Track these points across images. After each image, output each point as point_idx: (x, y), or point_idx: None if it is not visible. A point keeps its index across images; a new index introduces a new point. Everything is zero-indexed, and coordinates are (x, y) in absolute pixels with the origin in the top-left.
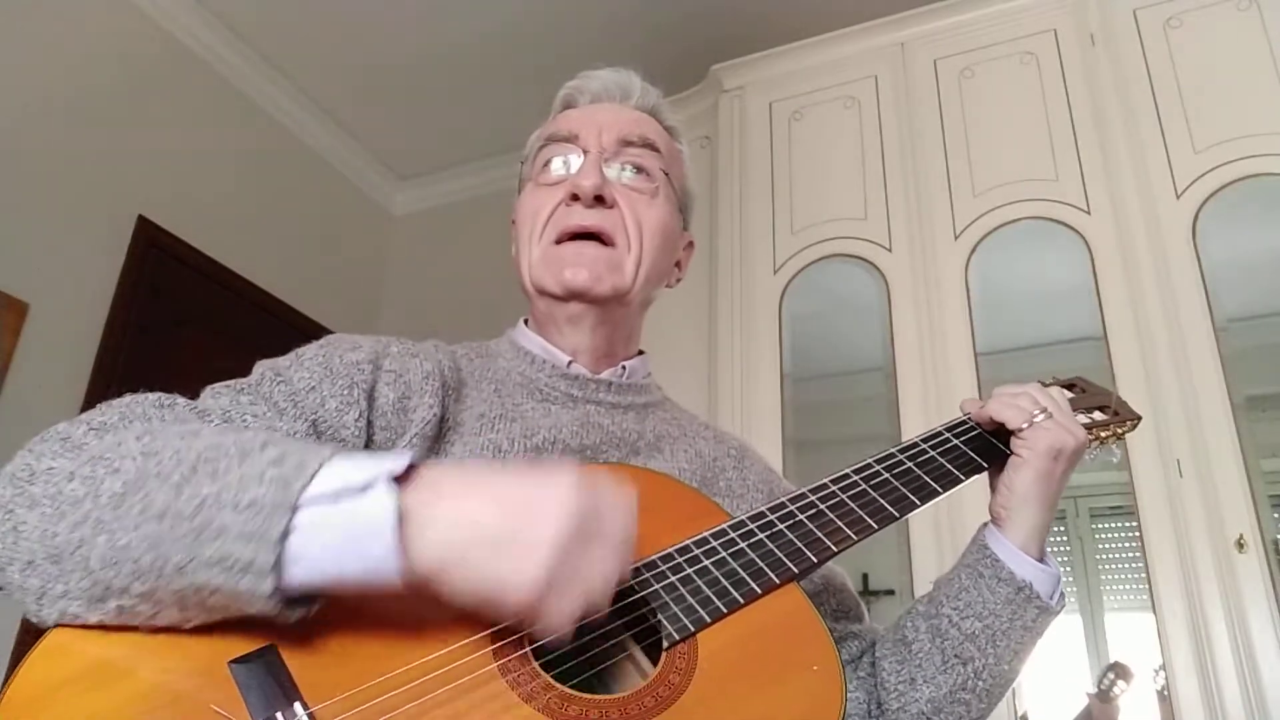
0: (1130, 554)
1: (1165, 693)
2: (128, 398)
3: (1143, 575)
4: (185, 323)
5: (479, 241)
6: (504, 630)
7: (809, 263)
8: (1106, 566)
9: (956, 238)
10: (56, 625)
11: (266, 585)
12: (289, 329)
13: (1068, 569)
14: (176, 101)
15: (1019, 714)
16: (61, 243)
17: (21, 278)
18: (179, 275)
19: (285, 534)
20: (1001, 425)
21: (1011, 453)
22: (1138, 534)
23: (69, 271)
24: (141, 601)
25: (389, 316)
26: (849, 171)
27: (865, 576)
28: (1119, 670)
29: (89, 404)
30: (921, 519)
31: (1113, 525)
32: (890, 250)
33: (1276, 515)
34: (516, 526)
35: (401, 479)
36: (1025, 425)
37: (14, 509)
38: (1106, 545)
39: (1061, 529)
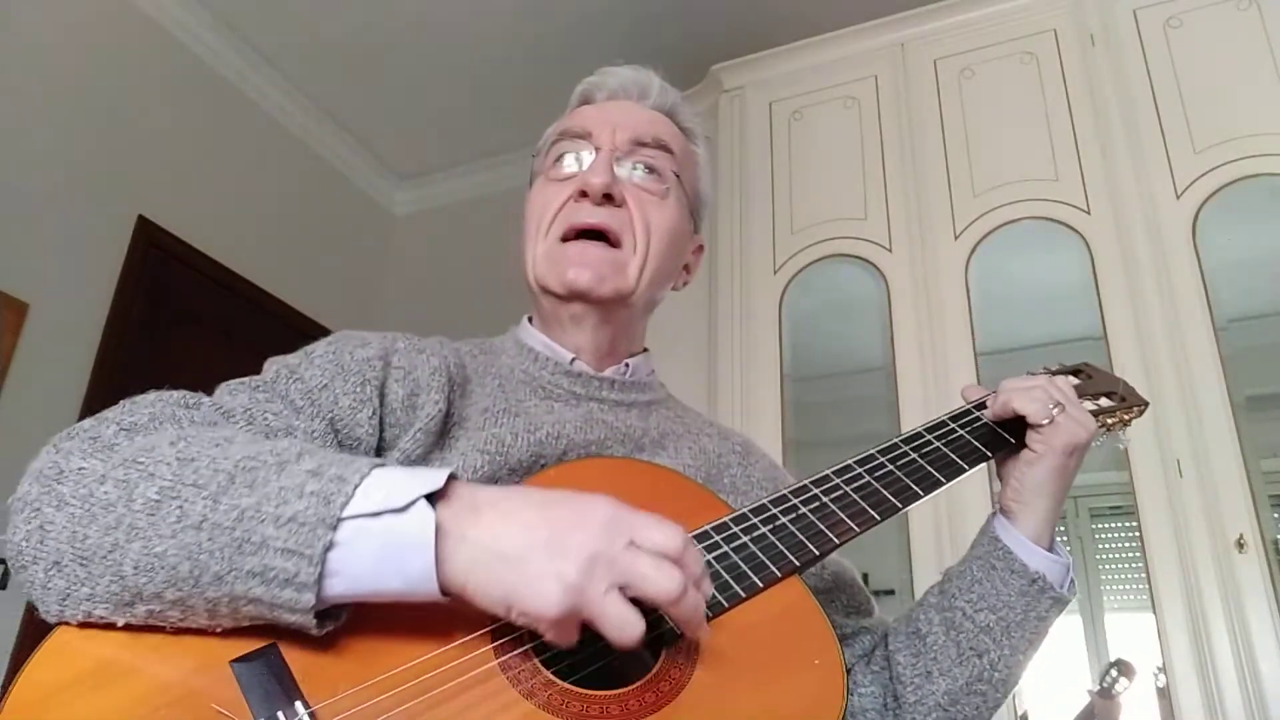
0: (1130, 554)
1: (1165, 692)
2: (152, 395)
3: (1143, 575)
4: (185, 323)
5: (479, 241)
6: (504, 627)
7: (809, 263)
8: (1106, 566)
9: (956, 238)
10: (81, 625)
11: (308, 598)
12: (289, 329)
13: None
14: (176, 101)
15: (1019, 714)
16: (61, 243)
17: (21, 278)
18: (179, 275)
19: (328, 549)
20: (1021, 417)
21: (1020, 443)
22: (1138, 534)
23: (69, 271)
24: (172, 608)
25: (389, 316)
26: (849, 171)
27: (865, 576)
28: (1122, 668)
29: (89, 404)
30: (922, 519)
31: (1113, 525)
32: (890, 250)
33: (1276, 515)
34: (545, 544)
35: (439, 494)
36: (1046, 421)
37: (41, 508)
38: (1106, 545)
39: (1061, 529)
